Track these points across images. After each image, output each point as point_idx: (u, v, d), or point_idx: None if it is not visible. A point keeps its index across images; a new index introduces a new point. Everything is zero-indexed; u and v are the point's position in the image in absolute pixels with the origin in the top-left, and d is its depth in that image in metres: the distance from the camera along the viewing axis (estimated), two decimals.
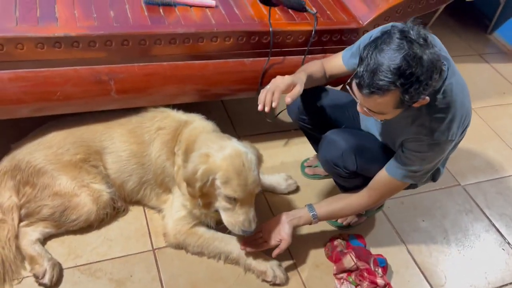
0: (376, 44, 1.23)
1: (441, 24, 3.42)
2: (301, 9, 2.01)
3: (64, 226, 1.69)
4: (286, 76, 1.54)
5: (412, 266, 1.88)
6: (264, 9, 1.98)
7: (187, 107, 2.18)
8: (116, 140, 1.75)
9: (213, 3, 1.92)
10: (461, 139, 1.61)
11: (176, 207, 1.73)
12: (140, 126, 1.76)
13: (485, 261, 1.97)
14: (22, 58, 1.57)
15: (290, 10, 2.01)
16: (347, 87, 1.39)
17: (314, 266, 1.80)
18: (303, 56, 1.97)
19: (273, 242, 1.64)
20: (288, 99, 1.51)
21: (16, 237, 1.63)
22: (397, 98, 1.25)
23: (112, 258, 1.69)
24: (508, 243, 2.06)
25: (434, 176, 1.77)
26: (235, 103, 2.41)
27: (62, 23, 1.63)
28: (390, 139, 1.63)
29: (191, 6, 1.89)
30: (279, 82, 1.52)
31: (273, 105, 1.49)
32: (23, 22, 1.59)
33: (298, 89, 1.52)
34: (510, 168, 2.48)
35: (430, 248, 1.97)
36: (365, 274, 1.67)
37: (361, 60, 1.26)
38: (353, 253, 1.73)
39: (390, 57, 1.19)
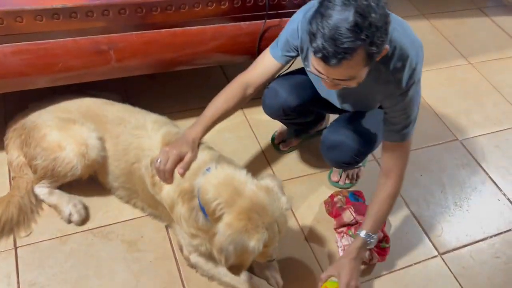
0: (321, 13, 1.17)
1: None
2: None
3: (60, 180, 1.73)
4: (177, 145, 1.50)
5: (410, 219, 1.96)
6: None
7: (187, 74, 2.22)
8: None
9: None
10: None
11: (183, 234, 1.60)
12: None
13: (481, 212, 2.04)
14: (22, 31, 1.60)
15: None
16: (306, 69, 1.33)
17: (315, 222, 1.88)
18: None
19: None
20: (181, 170, 1.47)
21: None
22: (364, 54, 1.20)
23: (123, 221, 1.77)
24: (504, 194, 2.13)
25: None
26: (234, 68, 2.44)
27: None
28: (367, 107, 1.69)
29: None
30: (169, 154, 1.48)
31: (172, 177, 1.49)
32: None
33: (189, 156, 1.48)
34: (507, 121, 2.51)
35: (427, 201, 2.05)
36: None
37: (313, 35, 1.20)
38: (352, 208, 1.80)
39: (342, 18, 1.14)
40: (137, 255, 1.68)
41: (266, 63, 1.64)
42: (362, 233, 1.57)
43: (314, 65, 1.28)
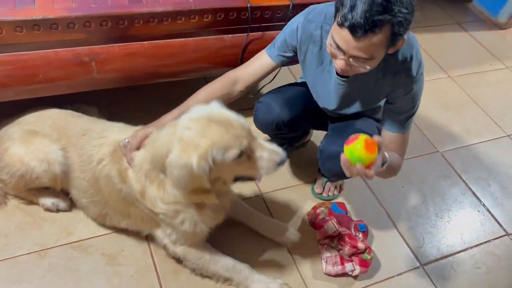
0: None
1: None
2: None
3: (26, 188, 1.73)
4: (140, 130, 1.50)
5: (392, 230, 1.97)
6: None
7: (170, 86, 2.21)
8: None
9: None
10: None
11: (164, 228, 1.58)
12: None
13: (461, 223, 2.07)
14: (1, 42, 1.57)
15: None
16: (327, 44, 1.35)
17: None
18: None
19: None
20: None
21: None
22: (389, 33, 1.24)
23: (103, 234, 1.75)
24: (483, 205, 2.16)
25: None
26: None
27: (39, 5, 1.62)
28: (370, 104, 1.69)
29: None
30: (133, 137, 1.48)
31: (131, 165, 1.46)
32: (0, 6, 1.59)
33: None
34: (486, 133, 2.56)
35: (409, 212, 2.06)
36: (347, 239, 1.75)
37: (341, 4, 1.23)
38: (335, 220, 1.81)
39: None
40: (118, 269, 1.65)
41: (261, 62, 1.67)
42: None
43: (335, 39, 1.29)
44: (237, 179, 1.43)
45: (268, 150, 1.35)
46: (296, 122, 1.82)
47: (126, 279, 1.63)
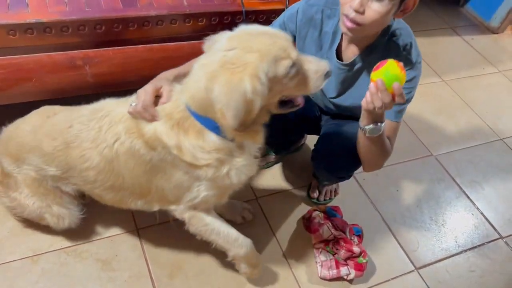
0: None
1: None
2: None
3: None
4: (146, 86, 1.35)
5: (386, 234, 1.97)
6: None
7: None
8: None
9: None
10: None
11: (183, 194, 1.44)
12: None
13: (456, 226, 2.07)
14: None
15: None
16: None
17: (293, 238, 1.87)
18: None
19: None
20: (164, 100, 1.32)
21: None
22: None
23: (97, 239, 1.74)
24: (477, 208, 2.17)
25: None
26: None
27: (33, 9, 1.63)
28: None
29: None
30: (142, 95, 1.32)
31: (156, 119, 1.30)
32: None
33: (167, 89, 1.33)
34: (480, 137, 2.58)
35: (403, 216, 2.07)
36: (342, 243, 1.75)
37: None
38: (330, 224, 1.81)
39: None
40: (112, 274, 1.64)
41: None
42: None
43: None
44: (281, 104, 1.31)
45: (314, 62, 1.25)
46: (291, 127, 1.82)
47: (120, 284, 1.62)
